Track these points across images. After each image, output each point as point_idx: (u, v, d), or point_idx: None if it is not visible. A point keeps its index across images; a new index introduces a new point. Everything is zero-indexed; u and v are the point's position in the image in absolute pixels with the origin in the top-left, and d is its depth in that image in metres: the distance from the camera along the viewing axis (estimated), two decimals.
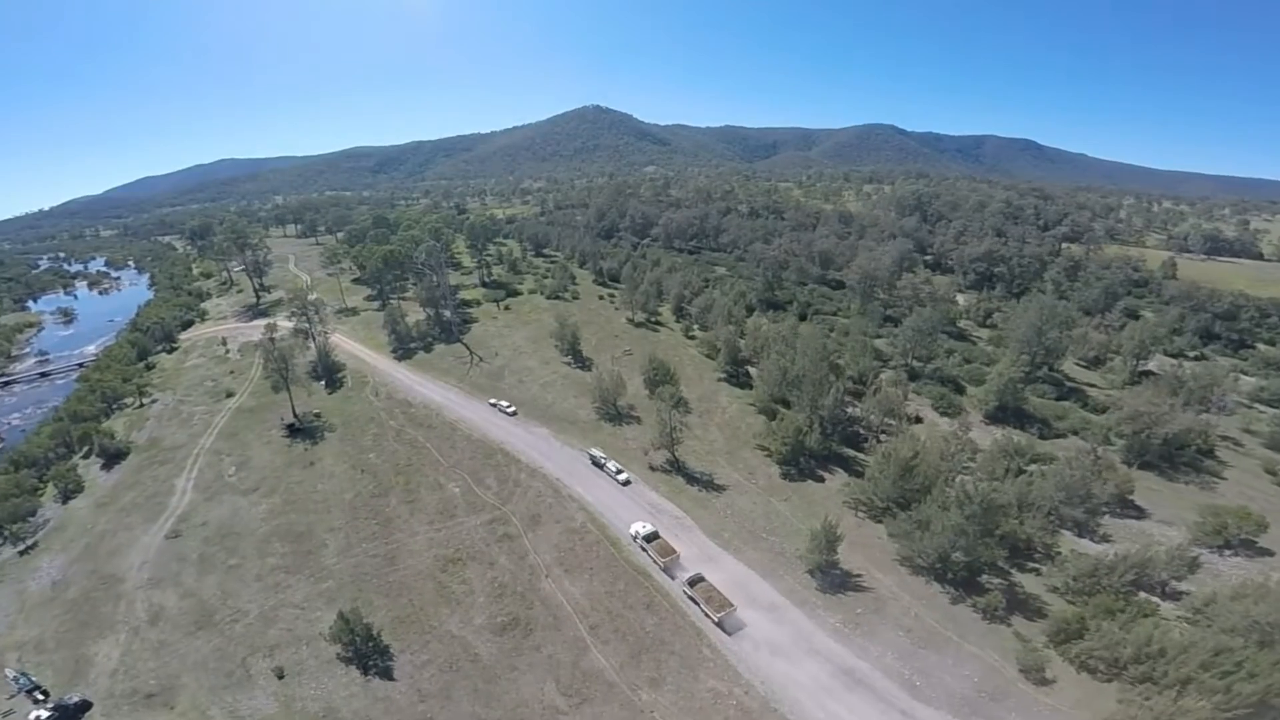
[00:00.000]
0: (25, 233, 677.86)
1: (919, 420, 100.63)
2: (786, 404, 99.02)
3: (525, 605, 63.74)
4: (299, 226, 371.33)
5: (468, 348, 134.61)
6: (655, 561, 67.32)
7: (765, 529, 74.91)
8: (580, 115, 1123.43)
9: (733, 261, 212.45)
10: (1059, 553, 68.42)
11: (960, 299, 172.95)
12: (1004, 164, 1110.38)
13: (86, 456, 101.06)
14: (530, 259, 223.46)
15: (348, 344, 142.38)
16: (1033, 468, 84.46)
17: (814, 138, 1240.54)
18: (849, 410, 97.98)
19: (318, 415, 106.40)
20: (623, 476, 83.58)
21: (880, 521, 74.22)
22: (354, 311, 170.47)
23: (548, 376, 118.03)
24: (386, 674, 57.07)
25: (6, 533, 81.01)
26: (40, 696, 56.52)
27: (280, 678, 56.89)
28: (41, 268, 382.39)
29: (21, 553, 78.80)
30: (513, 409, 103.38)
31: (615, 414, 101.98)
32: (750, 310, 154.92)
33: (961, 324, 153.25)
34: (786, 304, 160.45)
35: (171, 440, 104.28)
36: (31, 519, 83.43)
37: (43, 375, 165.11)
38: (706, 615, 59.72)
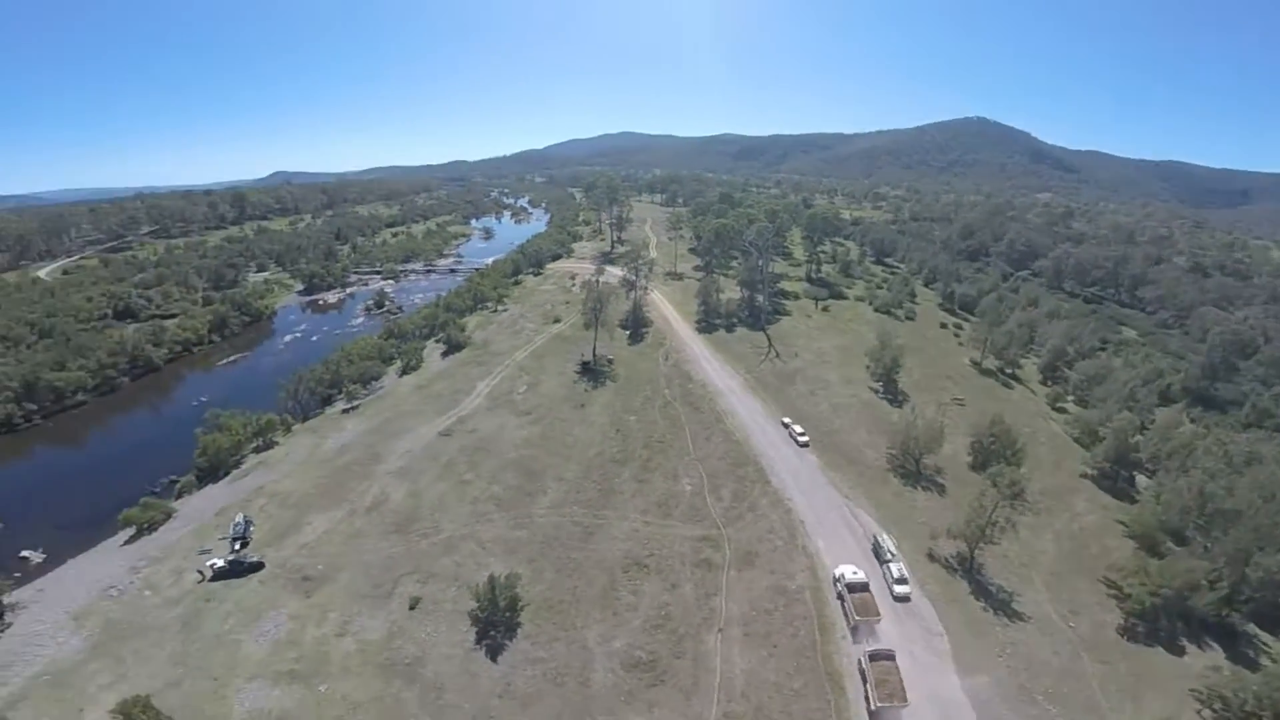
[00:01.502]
0: (491, 171, 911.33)
1: None
2: (1182, 539, 68.05)
3: (674, 651, 51.55)
4: (663, 196, 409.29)
5: (769, 339, 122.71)
6: (846, 616, 54.03)
7: (1051, 694, 48.55)
8: (957, 126, 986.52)
9: (1153, 326, 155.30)
10: None
11: None
12: None
13: (438, 342, 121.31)
14: (868, 264, 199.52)
15: (662, 305, 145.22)
16: None
17: None
18: None
19: (610, 361, 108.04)
20: (896, 570, 59.97)
21: None
22: (679, 277, 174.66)
23: (844, 397, 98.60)
24: (494, 652, 51.74)
25: (347, 390, 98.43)
26: (238, 547, 63.83)
27: (411, 608, 55.81)
28: (490, 198, 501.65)
29: (344, 411, 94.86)
30: (805, 438, 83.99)
31: (914, 471, 78.49)
32: (1167, 398, 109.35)
33: None
34: (1232, 403, 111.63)
35: (497, 346, 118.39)
36: (373, 383, 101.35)
37: (452, 271, 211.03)
38: (867, 700, 46.91)
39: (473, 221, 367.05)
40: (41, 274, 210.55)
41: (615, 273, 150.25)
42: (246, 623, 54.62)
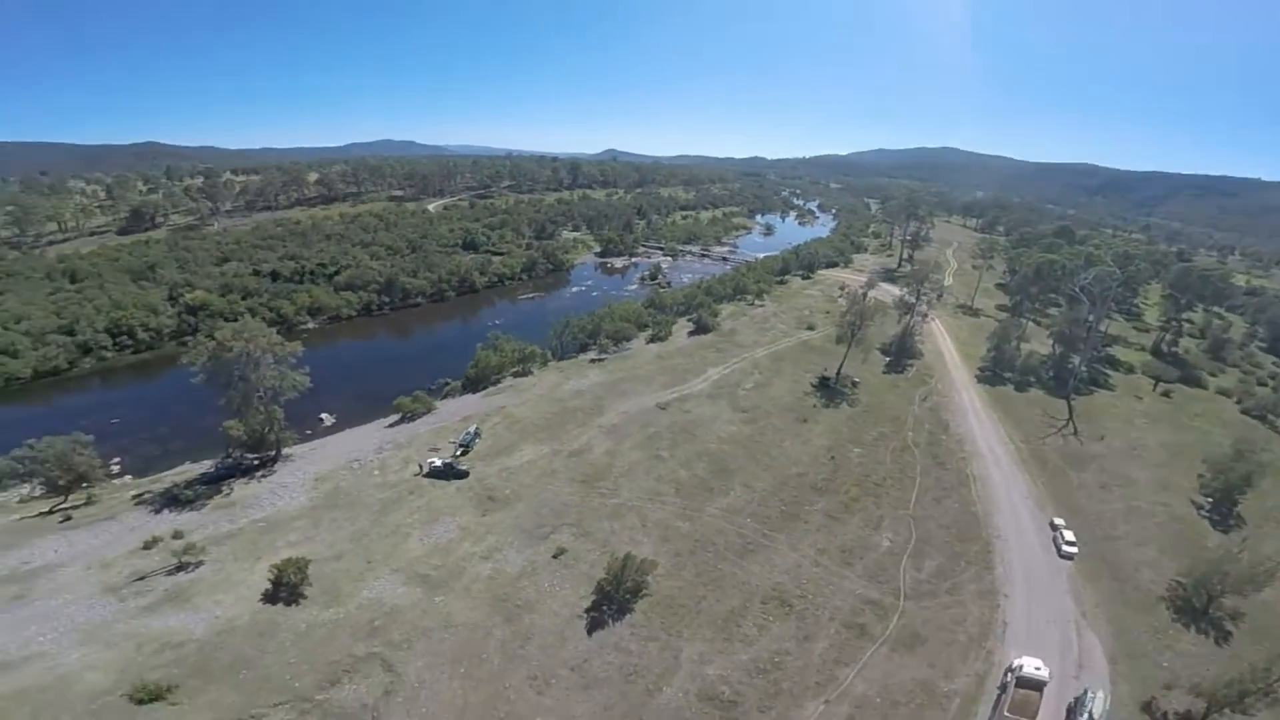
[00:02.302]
0: (786, 171, 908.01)
1: None
2: None
3: (762, 703, 44.26)
4: (979, 221, 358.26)
5: (1070, 410, 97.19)
6: (994, 711, 44.70)
7: None
8: None
9: None
10: None
11: None
12: None
13: (689, 321, 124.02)
14: (1253, 350, 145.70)
15: (941, 339, 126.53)
16: None
17: None
18: None
19: (854, 384, 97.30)
20: None
21: None
22: (974, 312, 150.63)
23: (1148, 503, 73.15)
24: (594, 627, 49.44)
25: (600, 343, 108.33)
26: (459, 453, 71.68)
27: (553, 556, 56.12)
28: (780, 196, 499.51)
29: (591, 361, 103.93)
30: (1073, 549, 63.40)
31: (1200, 609, 55.67)
32: None
33: None
34: None
35: (742, 339, 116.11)
36: (623, 343, 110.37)
37: (724, 259, 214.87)
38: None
39: (757, 216, 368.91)
40: (429, 207, 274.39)
41: (892, 291, 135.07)
42: (424, 522, 61.17)
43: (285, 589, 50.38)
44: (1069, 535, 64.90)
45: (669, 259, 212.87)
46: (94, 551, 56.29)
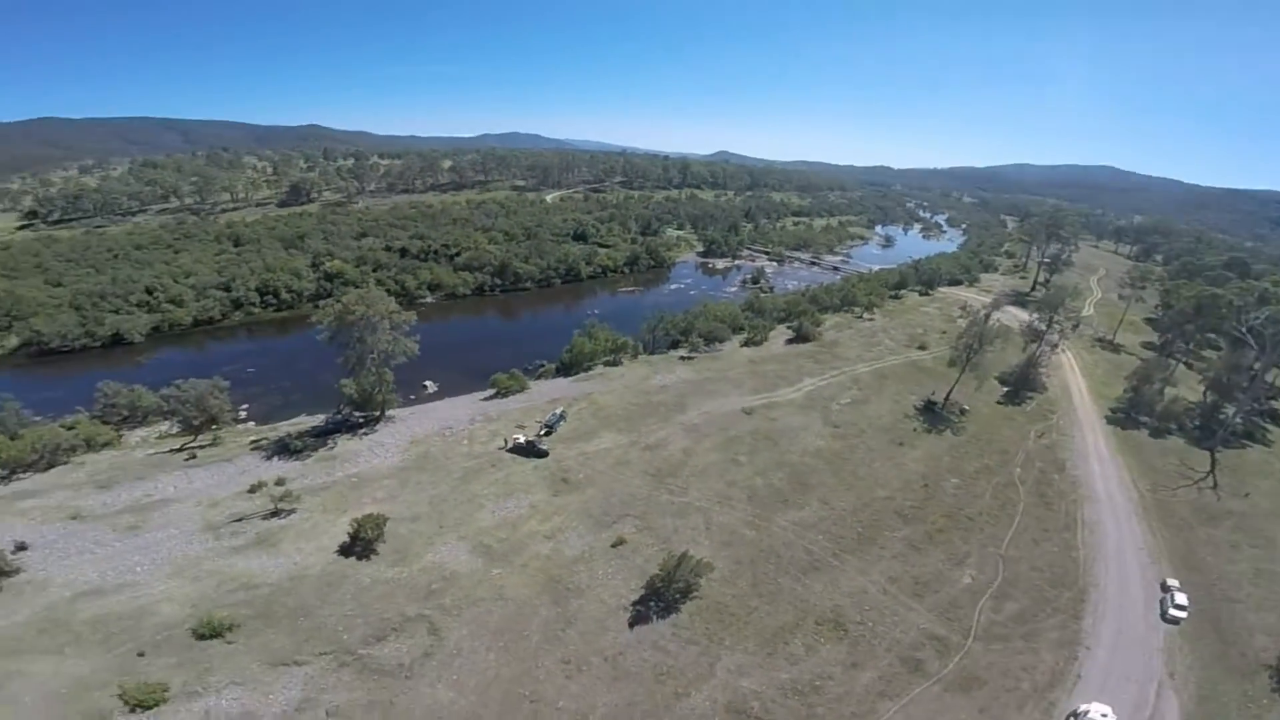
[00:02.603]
0: (914, 181, 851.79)
1: None
2: None
3: None
4: (1135, 248, 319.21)
5: (1213, 463, 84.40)
6: None
7: None
8: None
9: None
10: None
11: None
12: None
13: (789, 328, 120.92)
14: None
15: (1072, 373, 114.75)
16: None
17: None
18: None
19: (962, 412, 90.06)
20: None
21: None
22: (1115, 347, 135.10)
23: None
24: (636, 622, 49.03)
25: (691, 341, 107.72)
26: (543, 433, 74.14)
27: (612, 545, 56.56)
28: (904, 207, 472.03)
29: (681, 359, 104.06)
30: (1182, 614, 55.25)
31: None
32: None
33: None
34: None
35: (844, 352, 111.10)
36: (715, 343, 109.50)
37: (835, 269, 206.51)
38: None
39: (877, 227, 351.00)
40: (547, 198, 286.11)
41: (1020, 316, 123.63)
42: (498, 495, 63.47)
43: (360, 544, 53.76)
44: (1180, 599, 56.87)
45: (774, 264, 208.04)
46: (206, 490, 63.11)
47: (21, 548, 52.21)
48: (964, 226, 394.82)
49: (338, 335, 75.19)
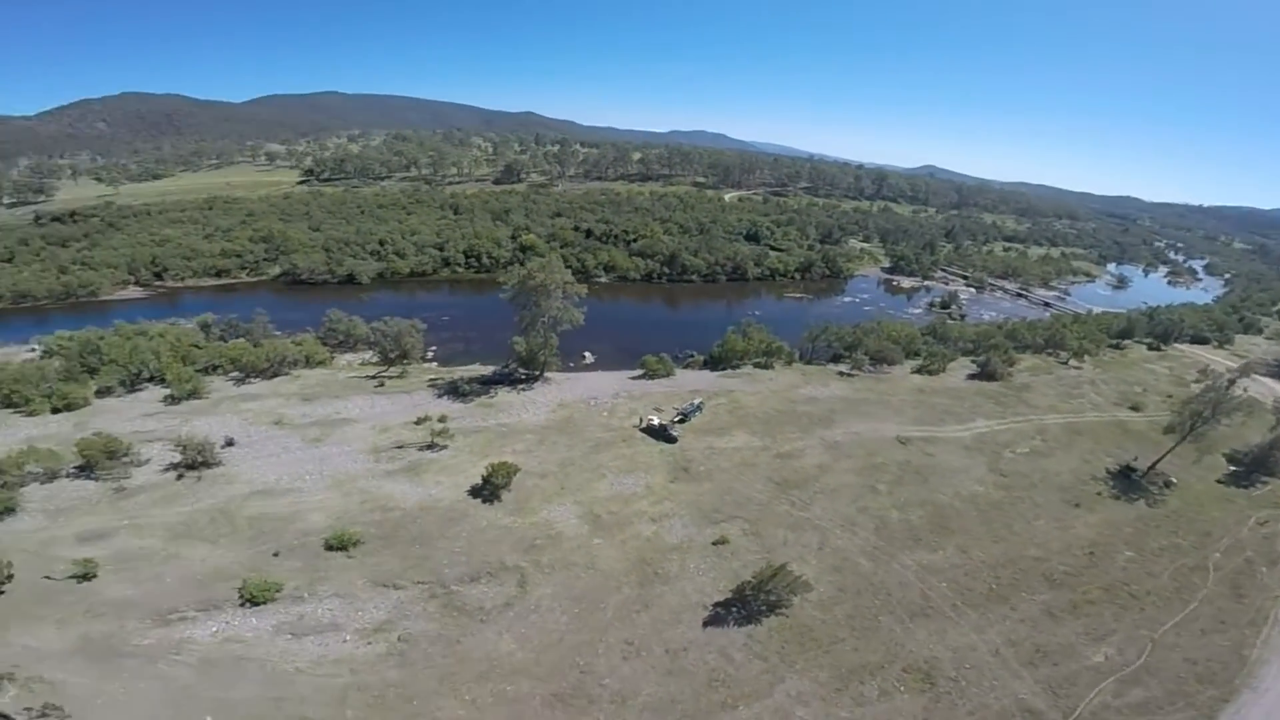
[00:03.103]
0: (1169, 217, 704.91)
1: None
2: None
3: None
4: None
5: None
6: None
7: None
8: None
9: None
10: None
11: None
12: None
13: (973, 362, 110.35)
14: None
15: None
16: None
17: None
18: None
19: (1168, 485, 74.77)
20: None
21: None
22: None
23: None
24: (713, 623, 47.72)
25: (855, 359, 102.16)
26: (677, 419, 75.28)
27: (713, 543, 56.30)
28: (1151, 246, 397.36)
29: (840, 374, 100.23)
30: None
31: None
32: None
33: None
34: None
35: (1034, 398, 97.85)
36: (882, 365, 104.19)
37: (1046, 305, 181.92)
38: None
39: (1110, 265, 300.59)
40: (725, 196, 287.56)
41: (1277, 389, 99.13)
42: (620, 471, 65.55)
43: (489, 488, 58.66)
44: None
45: (971, 290, 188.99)
46: (382, 416, 73.19)
47: (230, 444, 62.87)
48: (1227, 276, 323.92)
49: (518, 297, 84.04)
